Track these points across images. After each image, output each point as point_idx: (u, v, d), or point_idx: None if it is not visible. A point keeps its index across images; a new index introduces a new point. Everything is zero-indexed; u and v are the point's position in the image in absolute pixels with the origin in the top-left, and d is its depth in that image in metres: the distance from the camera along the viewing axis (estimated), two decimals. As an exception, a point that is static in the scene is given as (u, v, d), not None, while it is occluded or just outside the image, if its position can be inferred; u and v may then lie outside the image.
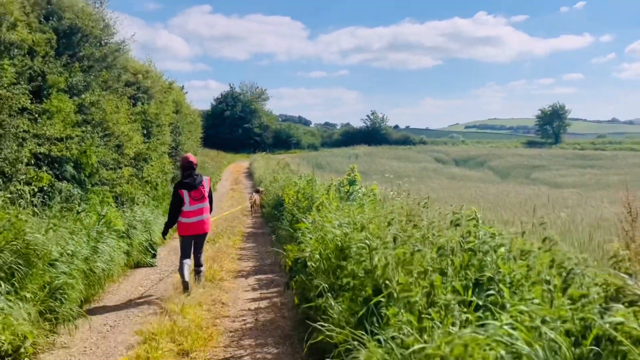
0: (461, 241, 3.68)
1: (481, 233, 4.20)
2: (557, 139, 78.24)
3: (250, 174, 30.35)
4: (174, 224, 6.73)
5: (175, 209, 6.61)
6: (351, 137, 70.54)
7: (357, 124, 78.04)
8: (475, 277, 3.43)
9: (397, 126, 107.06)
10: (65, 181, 7.76)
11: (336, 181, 9.81)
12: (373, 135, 70.33)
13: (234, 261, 8.69)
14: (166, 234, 6.96)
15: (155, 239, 9.25)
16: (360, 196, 8.40)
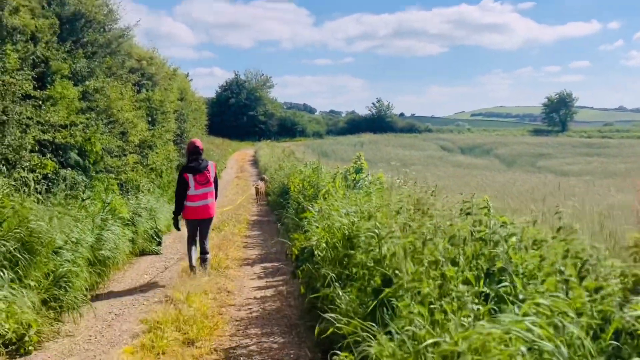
0: (473, 230, 3.58)
1: (492, 222, 4.11)
2: (563, 127, 77.69)
3: (255, 161, 30.26)
4: (181, 208, 6.65)
5: (181, 193, 6.59)
6: (356, 125, 70.25)
7: (363, 111, 77.81)
8: (486, 267, 3.34)
9: (402, 114, 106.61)
10: (69, 168, 7.69)
11: (342, 169, 9.70)
12: (378, 123, 69.99)
13: (239, 249, 8.63)
14: (177, 223, 6.84)
15: (161, 226, 9.21)
16: (367, 184, 8.29)
